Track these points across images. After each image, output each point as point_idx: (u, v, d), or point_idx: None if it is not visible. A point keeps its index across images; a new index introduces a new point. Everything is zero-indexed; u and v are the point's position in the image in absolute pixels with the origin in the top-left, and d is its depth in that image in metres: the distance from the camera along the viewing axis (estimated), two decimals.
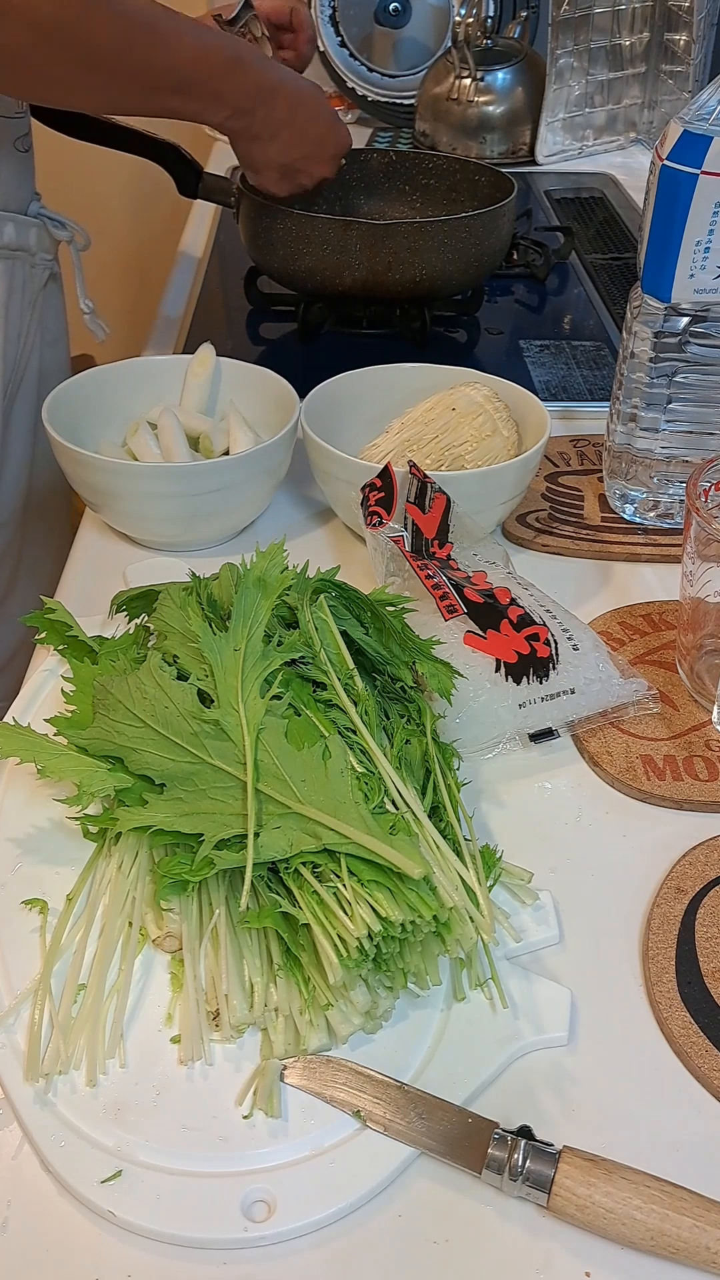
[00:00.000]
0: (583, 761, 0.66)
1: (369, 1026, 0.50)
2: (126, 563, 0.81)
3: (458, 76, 1.66)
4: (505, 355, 1.13)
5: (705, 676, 0.69)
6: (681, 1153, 0.47)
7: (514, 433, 0.83)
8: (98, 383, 0.86)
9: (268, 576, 0.58)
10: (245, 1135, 0.47)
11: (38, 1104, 0.47)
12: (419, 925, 0.47)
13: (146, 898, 0.54)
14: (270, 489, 0.83)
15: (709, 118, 0.69)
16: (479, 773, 0.64)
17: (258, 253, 1.12)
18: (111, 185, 2.20)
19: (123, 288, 2.32)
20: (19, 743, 0.55)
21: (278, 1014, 0.49)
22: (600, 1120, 0.48)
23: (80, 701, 0.57)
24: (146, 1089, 0.48)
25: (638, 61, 1.69)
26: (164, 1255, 0.43)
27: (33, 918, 0.55)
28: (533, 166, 1.70)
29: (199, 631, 0.56)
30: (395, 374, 0.88)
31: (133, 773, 0.54)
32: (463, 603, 0.66)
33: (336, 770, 0.51)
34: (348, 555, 0.83)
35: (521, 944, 0.54)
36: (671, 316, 0.75)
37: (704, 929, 0.55)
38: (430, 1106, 0.47)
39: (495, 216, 1.06)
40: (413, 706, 0.59)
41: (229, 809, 0.51)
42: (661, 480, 0.82)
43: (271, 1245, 0.44)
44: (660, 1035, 0.51)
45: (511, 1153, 0.45)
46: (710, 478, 0.67)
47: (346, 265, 1.04)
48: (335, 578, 0.62)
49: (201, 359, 0.90)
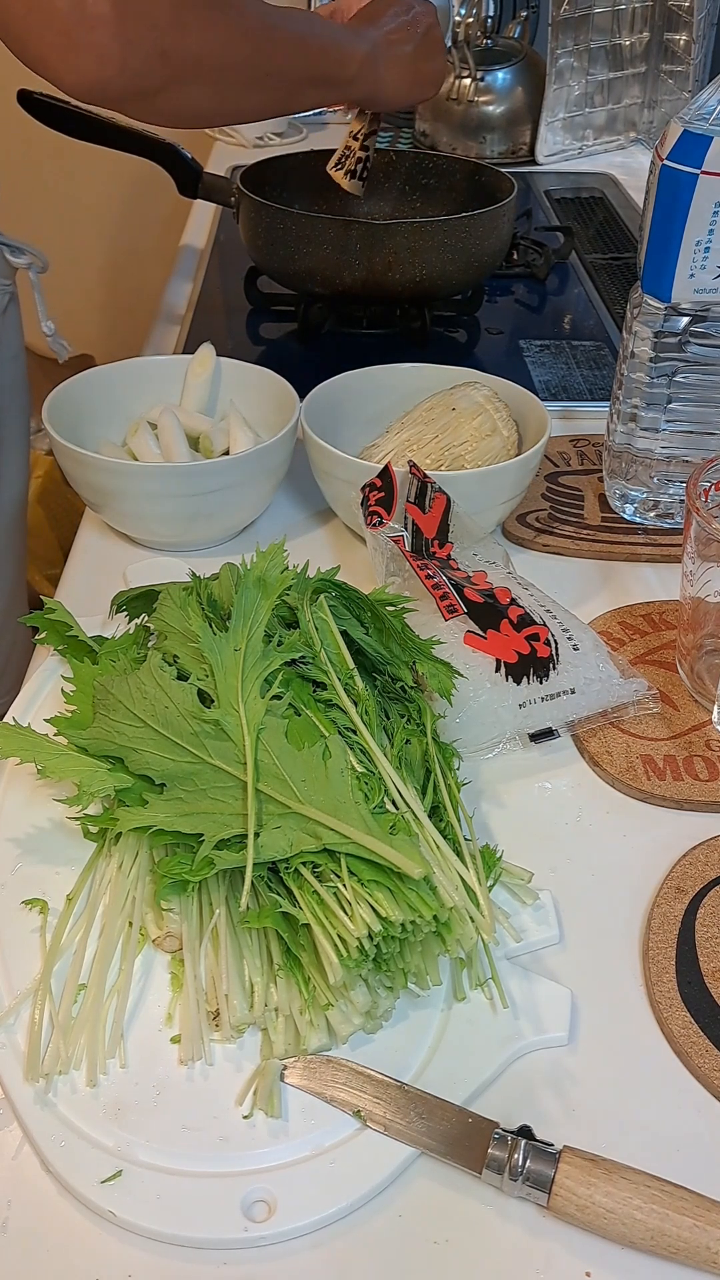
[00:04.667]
0: (583, 761, 0.66)
1: (369, 1026, 0.50)
2: (126, 563, 0.81)
3: (458, 76, 1.66)
4: (505, 355, 1.13)
5: (705, 676, 0.69)
6: (681, 1153, 0.47)
7: (514, 433, 0.83)
8: (98, 383, 0.86)
9: (268, 576, 0.58)
10: (245, 1135, 0.47)
11: (38, 1104, 0.47)
12: (419, 925, 0.47)
13: (146, 898, 0.54)
14: (270, 489, 0.83)
15: (709, 118, 0.69)
16: (479, 773, 0.64)
17: (258, 252, 1.12)
18: (111, 185, 2.21)
19: (122, 287, 2.32)
20: (19, 743, 0.55)
21: (278, 1014, 0.49)
22: (600, 1120, 0.48)
23: (80, 701, 0.57)
24: (147, 1089, 0.48)
25: (638, 61, 1.69)
26: (164, 1255, 0.43)
27: (33, 918, 0.55)
28: (533, 166, 1.70)
29: (199, 631, 0.56)
30: (395, 374, 0.88)
31: (133, 773, 0.54)
32: (463, 603, 0.66)
33: (336, 770, 0.51)
34: (348, 555, 0.83)
35: (521, 944, 0.54)
36: (671, 316, 0.75)
37: (704, 929, 0.55)
38: (430, 1106, 0.47)
39: (495, 216, 1.06)
40: (413, 706, 0.59)
41: (229, 809, 0.51)
42: (661, 480, 0.82)
43: (271, 1245, 0.44)
44: (660, 1035, 0.51)
45: (512, 1153, 0.45)
46: (710, 478, 0.67)
47: (346, 265, 1.04)
48: (335, 578, 0.62)
49: (201, 359, 0.90)
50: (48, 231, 2.22)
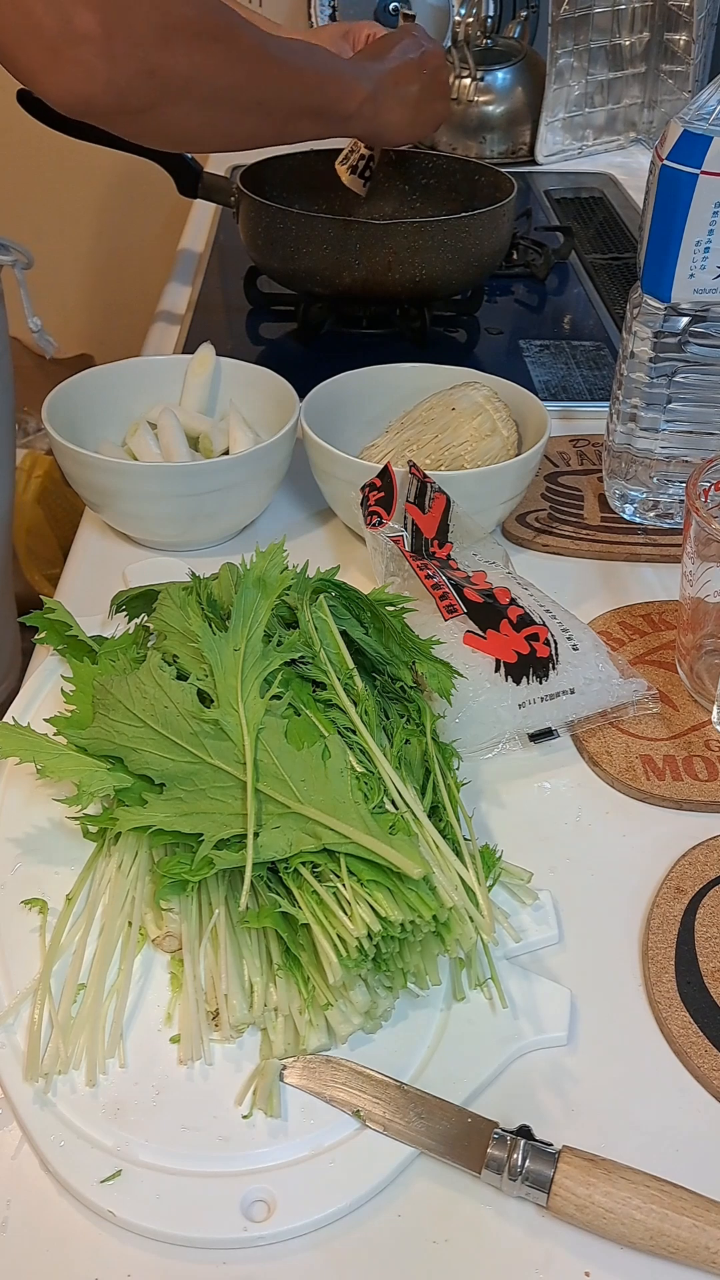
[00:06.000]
0: (582, 761, 0.66)
1: (369, 1026, 0.50)
2: (126, 563, 0.81)
3: (458, 76, 1.66)
4: (505, 355, 1.13)
5: (705, 676, 0.69)
6: (681, 1153, 0.47)
7: (514, 433, 0.83)
8: (98, 383, 0.86)
9: (268, 576, 0.58)
10: (245, 1135, 0.47)
11: (37, 1104, 0.47)
12: (419, 925, 0.47)
13: (146, 897, 0.54)
14: (270, 489, 0.83)
15: (709, 118, 0.69)
16: (479, 773, 0.64)
17: (258, 252, 1.12)
18: (111, 185, 2.21)
19: (122, 287, 2.32)
20: (19, 743, 0.55)
21: (277, 1014, 0.49)
22: (600, 1120, 0.48)
23: (80, 701, 0.57)
24: (146, 1089, 0.48)
25: (638, 61, 1.69)
26: (163, 1255, 0.43)
27: (32, 917, 0.55)
28: (533, 166, 1.70)
29: (199, 631, 0.56)
30: (395, 374, 0.88)
31: (132, 772, 0.54)
32: (462, 602, 0.66)
33: (336, 770, 0.51)
34: (348, 555, 0.83)
35: (521, 944, 0.54)
36: (671, 316, 0.76)
37: (704, 929, 0.55)
38: (430, 1106, 0.47)
39: (495, 216, 1.06)
40: (412, 706, 0.59)
41: (229, 809, 0.51)
42: (661, 480, 0.82)
43: (271, 1245, 0.44)
44: (660, 1035, 0.51)
45: (511, 1152, 0.45)
46: (710, 478, 0.67)
47: (346, 265, 1.04)
48: (335, 578, 0.62)
49: (201, 359, 0.90)
50: (48, 231, 2.23)
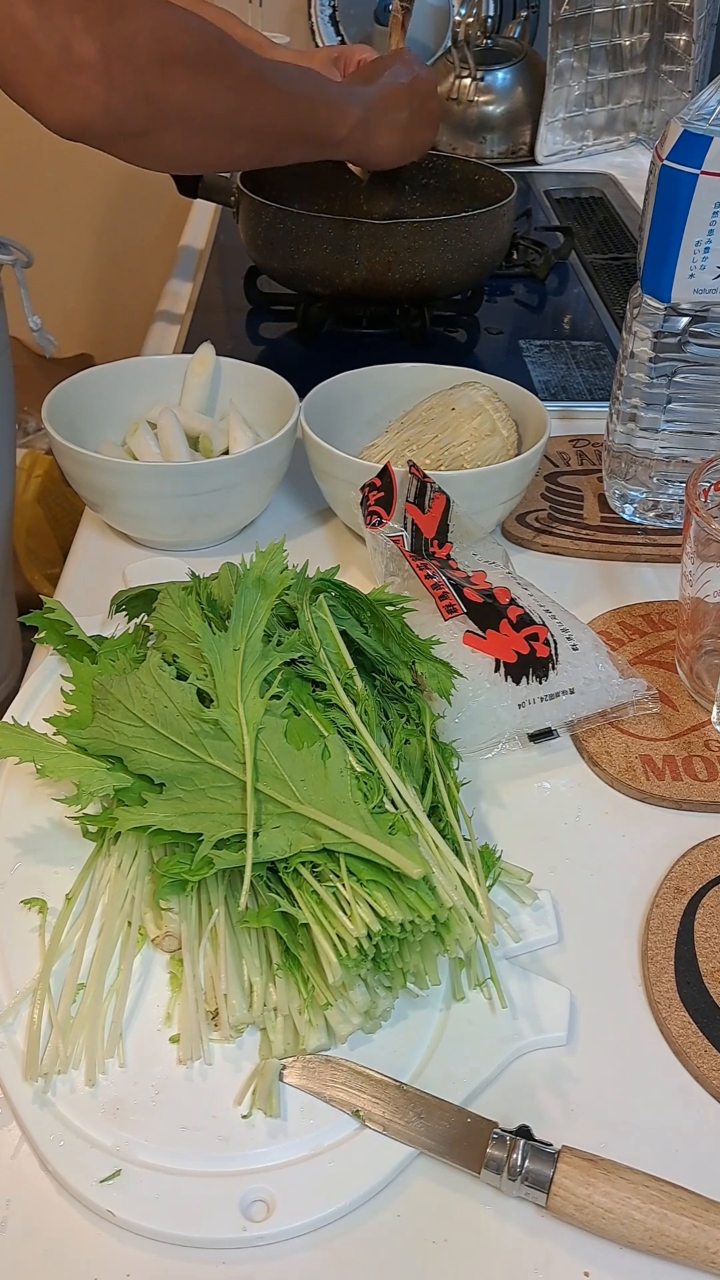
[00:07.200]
0: (582, 761, 0.66)
1: (368, 1026, 0.50)
2: (126, 563, 0.81)
3: (458, 76, 1.67)
4: (505, 355, 1.13)
5: (705, 676, 0.69)
6: (681, 1153, 0.47)
7: (514, 433, 0.83)
8: (98, 383, 0.86)
9: (268, 576, 0.58)
10: (244, 1135, 0.47)
11: (37, 1103, 0.47)
12: (418, 925, 0.47)
13: (146, 897, 0.54)
14: (270, 489, 0.83)
15: (709, 118, 0.69)
16: (479, 773, 0.64)
17: (258, 252, 1.12)
18: (111, 185, 2.21)
19: (122, 287, 2.32)
20: (19, 742, 0.55)
21: (277, 1014, 0.49)
22: (599, 1120, 0.48)
23: (80, 701, 0.57)
24: (146, 1088, 0.48)
25: (638, 61, 1.69)
26: (163, 1255, 0.43)
27: (32, 917, 0.55)
28: (533, 166, 1.70)
29: (199, 631, 0.56)
30: (395, 374, 0.88)
31: (132, 772, 0.54)
32: (462, 602, 0.66)
33: (336, 770, 0.51)
34: (348, 555, 0.83)
35: (521, 944, 0.54)
36: (671, 316, 0.75)
37: (703, 929, 0.55)
38: (429, 1106, 0.47)
39: (495, 216, 1.06)
40: (412, 706, 0.59)
41: (228, 808, 0.51)
42: (661, 480, 0.82)
43: (270, 1245, 0.44)
44: (660, 1035, 0.51)
45: (510, 1152, 0.45)
46: (710, 478, 0.67)
47: (346, 265, 1.04)
48: (335, 578, 0.62)
49: (201, 359, 0.90)
50: (48, 230, 2.23)
